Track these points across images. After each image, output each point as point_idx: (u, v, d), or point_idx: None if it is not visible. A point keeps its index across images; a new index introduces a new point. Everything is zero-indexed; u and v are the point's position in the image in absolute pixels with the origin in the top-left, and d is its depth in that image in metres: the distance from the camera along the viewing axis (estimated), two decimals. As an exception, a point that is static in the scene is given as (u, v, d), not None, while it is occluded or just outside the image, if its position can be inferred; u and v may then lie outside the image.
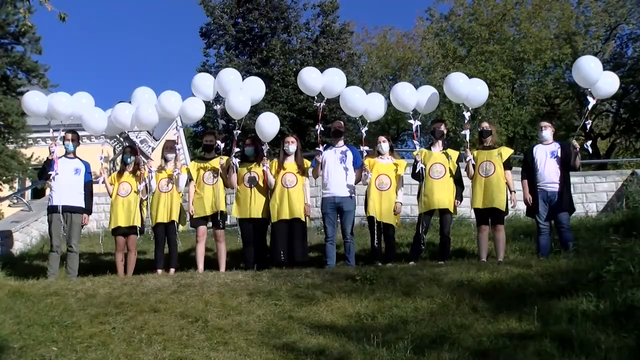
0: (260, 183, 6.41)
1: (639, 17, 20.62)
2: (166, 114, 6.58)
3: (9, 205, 13.40)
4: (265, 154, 6.37)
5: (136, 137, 13.66)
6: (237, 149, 6.44)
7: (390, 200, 6.33)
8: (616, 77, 6.29)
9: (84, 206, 6.59)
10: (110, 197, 6.74)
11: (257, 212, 6.37)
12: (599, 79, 6.10)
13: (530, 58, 19.88)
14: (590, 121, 6.46)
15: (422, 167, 6.27)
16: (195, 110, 6.58)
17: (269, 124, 6.41)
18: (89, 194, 6.67)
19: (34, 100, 6.58)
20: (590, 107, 6.34)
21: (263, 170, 6.33)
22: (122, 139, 15.88)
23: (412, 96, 6.45)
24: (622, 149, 22.98)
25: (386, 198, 6.32)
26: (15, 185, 14.25)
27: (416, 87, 6.67)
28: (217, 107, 6.73)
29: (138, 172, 6.69)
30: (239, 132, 6.40)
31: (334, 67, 8.41)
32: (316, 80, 6.44)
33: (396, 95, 6.49)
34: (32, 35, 13.25)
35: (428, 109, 6.55)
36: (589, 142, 6.26)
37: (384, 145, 6.51)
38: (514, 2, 21.65)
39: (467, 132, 6.39)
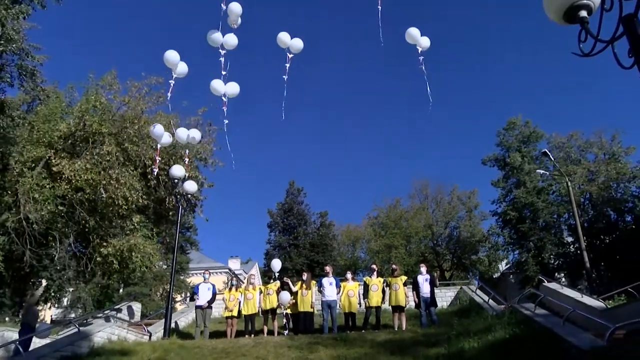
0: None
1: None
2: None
3: (180, 304, 25.54)
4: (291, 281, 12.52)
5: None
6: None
7: (355, 301, 12.03)
8: (418, 31, 9.35)
9: (210, 304, 12.74)
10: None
11: (293, 309, 12.28)
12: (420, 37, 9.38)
13: (413, 235, 43.59)
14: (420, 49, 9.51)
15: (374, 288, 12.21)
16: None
17: (277, 264, 12.80)
18: (213, 299, 12.67)
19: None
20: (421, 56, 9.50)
21: (288, 284, 12.21)
22: (231, 275, 32.42)
23: None
24: (457, 277, 42.87)
25: (353, 301, 12.08)
26: (183, 295, 33.12)
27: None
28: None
29: (238, 290, 12.70)
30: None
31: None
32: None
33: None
34: (191, 226, 31.85)
35: None
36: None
37: (349, 276, 12.47)
38: (403, 210, 46.34)
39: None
